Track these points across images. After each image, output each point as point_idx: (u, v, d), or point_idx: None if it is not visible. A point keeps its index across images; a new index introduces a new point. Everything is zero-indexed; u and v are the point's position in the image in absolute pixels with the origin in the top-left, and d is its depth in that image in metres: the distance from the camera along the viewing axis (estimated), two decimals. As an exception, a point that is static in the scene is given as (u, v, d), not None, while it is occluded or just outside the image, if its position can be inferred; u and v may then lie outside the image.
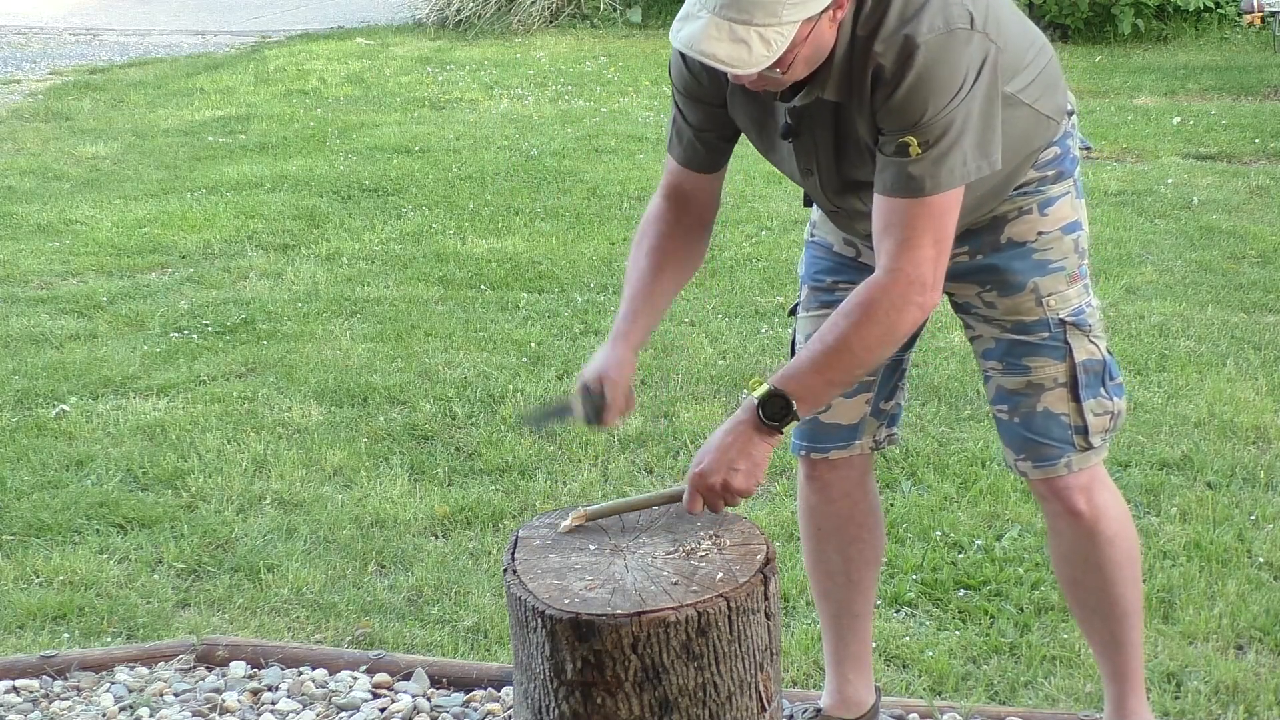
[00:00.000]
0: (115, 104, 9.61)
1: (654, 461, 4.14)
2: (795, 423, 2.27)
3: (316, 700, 2.98)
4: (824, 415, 2.60)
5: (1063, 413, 2.47)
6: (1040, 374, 2.47)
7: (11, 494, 3.99)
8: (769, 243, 6.18)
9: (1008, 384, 2.50)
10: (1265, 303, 5.38)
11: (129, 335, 5.23)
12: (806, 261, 2.66)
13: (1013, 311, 2.47)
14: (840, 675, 2.79)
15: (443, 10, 12.18)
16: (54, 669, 3.09)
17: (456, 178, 7.42)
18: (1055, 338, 2.46)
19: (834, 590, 2.74)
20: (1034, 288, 2.45)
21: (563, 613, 2.03)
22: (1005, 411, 2.52)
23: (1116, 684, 2.66)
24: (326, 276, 5.88)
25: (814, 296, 2.62)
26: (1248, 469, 4.01)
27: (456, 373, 4.82)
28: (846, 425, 2.63)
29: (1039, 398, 2.48)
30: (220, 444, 4.28)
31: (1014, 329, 2.47)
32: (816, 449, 2.65)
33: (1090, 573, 2.55)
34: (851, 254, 2.57)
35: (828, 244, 2.61)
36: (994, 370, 2.52)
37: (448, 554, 3.66)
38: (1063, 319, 2.46)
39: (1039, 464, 2.50)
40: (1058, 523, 2.55)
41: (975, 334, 2.55)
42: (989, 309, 2.49)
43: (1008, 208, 2.45)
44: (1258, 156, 7.66)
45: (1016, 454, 2.52)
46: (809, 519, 2.73)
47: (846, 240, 2.57)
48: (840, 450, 2.65)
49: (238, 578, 3.56)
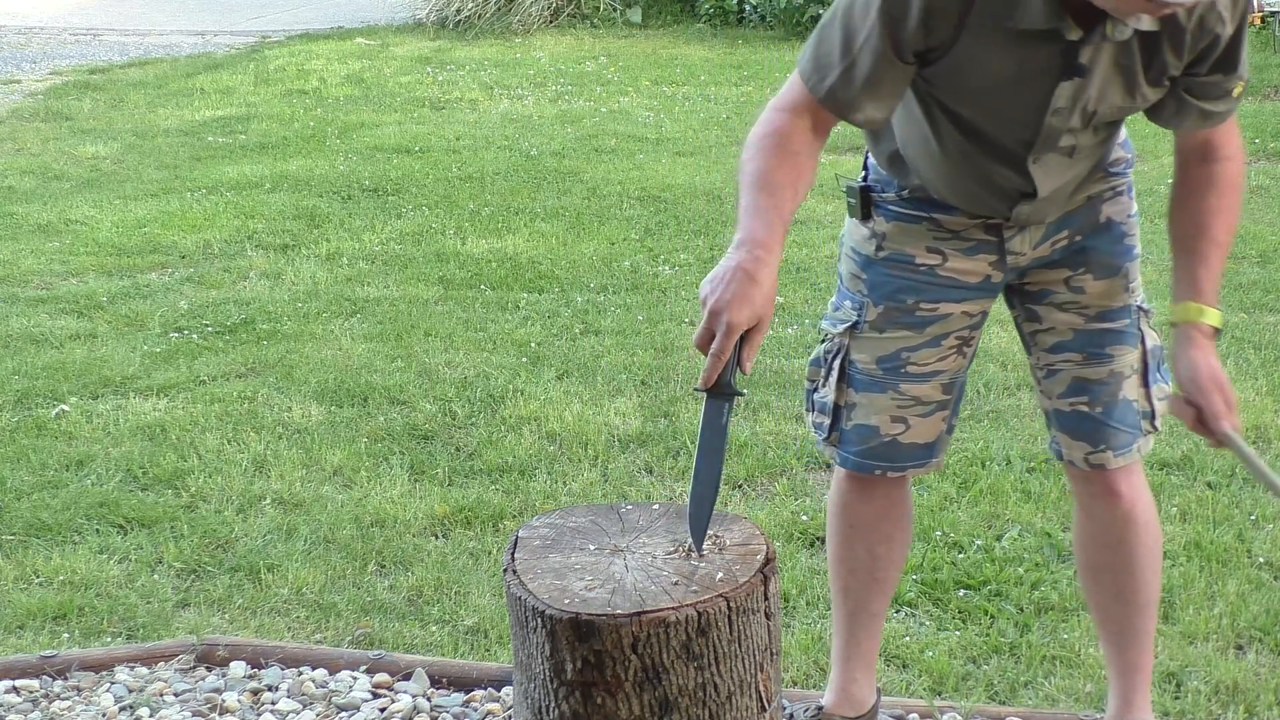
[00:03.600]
0: (115, 104, 9.61)
1: (654, 461, 4.14)
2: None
3: (316, 700, 2.98)
4: (903, 436, 2.56)
5: (1135, 399, 2.48)
6: (1121, 362, 2.47)
7: (11, 494, 3.99)
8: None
9: (1089, 374, 2.47)
10: (1265, 303, 5.38)
11: (129, 335, 5.23)
12: (876, 281, 2.51)
13: (1103, 296, 2.46)
14: (847, 673, 2.77)
15: (443, 10, 12.18)
16: (54, 669, 3.09)
17: (456, 178, 7.42)
18: (1133, 325, 2.48)
19: (856, 588, 2.72)
20: (1125, 273, 2.47)
21: (563, 613, 2.03)
22: (1085, 404, 2.48)
23: (1126, 678, 2.64)
24: (326, 276, 5.88)
25: (891, 318, 2.51)
26: (1248, 469, 4.01)
27: (456, 373, 4.82)
28: (923, 444, 2.58)
29: (1120, 385, 2.47)
30: (220, 444, 4.28)
31: (1098, 316, 2.47)
32: (894, 468, 2.60)
33: (1119, 556, 2.55)
34: (935, 262, 2.48)
35: (905, 257, 2.49)
36: (1069, 362, 2.49)
37: (448, 554, 3.66)
38: (1139, 305, 2.49)
39: (1119, 452, 2.49)
40: (1094, 504, 2.54)
41: (1044, 327, 2.51)
42: (1075, 294, 2.47)
43: (1102, 187, 2.46)
44: (1258, 156, 7.67)
45: (1094, 445, 2.49)
46: (842, 515, 2.69)
47: (930, 248, 2.48)
48: (917, 469, 2.61)
49: (238, 578, 3.56)
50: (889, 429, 2.56)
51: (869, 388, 2.55)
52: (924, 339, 2.51)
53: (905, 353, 2.52)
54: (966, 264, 2.48)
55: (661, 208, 6.79)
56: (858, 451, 2.58)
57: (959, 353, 2.55)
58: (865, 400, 2.56)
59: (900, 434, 2.56)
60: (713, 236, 6.32)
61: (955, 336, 2.53)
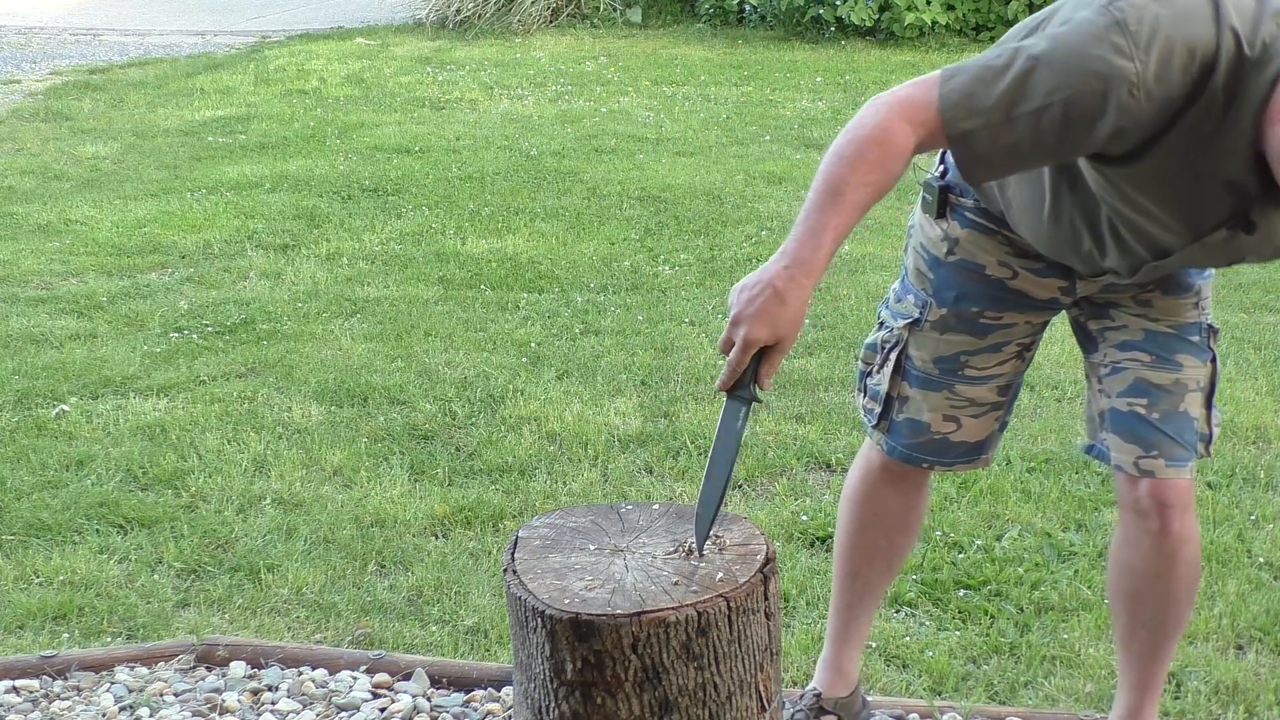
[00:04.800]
0: (115, 104, 9.60)
1: (654, 461, 4.14)
2: None
3: (316, 700, 2.98)
4: (954, 434, 2.55)
5: (1196, 417, 2.41)
6: (1188, 374, 2.40)
7: (11, 494, 3.99)
8: (769, 243, 6.17)
9: (1154, 378, 2.40)
10: (1265, 303, 5.38)
11: (129, 335, 5.23)
12: (943, 282, 2.48)
13: (1170, 312, 2.41)
14: (845, 652, 2.79)
15: (443, 10, 12.17)
16: (54, 669, 3.09)
17: (456, 178, 7.42)
18: (1204, 342, 2.43)
19: (869, 573, 2.72)
20: (1198, 290, 2.42)
21: (563, 613, 2.03)
22: (1144, 406, 2.39)
23: (1138, 692, 2.61)
24: (326, 276, 5.88)
25: (953, 322, 2.48)
26: (1248, 469, 4.01)
27: (456, 373, 4.82)
28: (974, 442, 2.58)
29: (1184, 397, 2.40)
30: (220, 444, 4.28)
31: (1168, 325, 2.42)
32: (942, 464, 2.59)
33: (1157, 589, 2.47)
34: (1005, 276, 2.45)
35: (976, 266, 2.46)
36: (1136, 361, 2.41)
37: (448, 554, 3.66)
38: (1209, 325, 2.44)
39: (1172, 462, 2.38)
40: (1141, 536, 2.42)
41: (1115, 325, 2.44)
42: (1141, 308, 2.43)
43: None
44: (1258, 156, 7.66)
45: (1146, 450, 2.38)
46: (868, 503, 2.67)
47: (1002, 262, 2.43)
48: (966, 465, 2.60)
49: (238, 578, 3.56)
50: (940, 427, 2.55)
51: (924, 385, 2.53)
52: (985, 344, 2.50)
53: (964, 356, 2.51)
54: (1035, 284, 2.45)
55: (661, 208, 6.79)
56: (907, 444, 2.58)
57: (1019, 358, 2.54)
58: (919, 396, 2.54)
59: (951, 432, 2.55)
60: (713, 236, 6.32)
61: (1016, 344, 2.52)
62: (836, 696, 2.79)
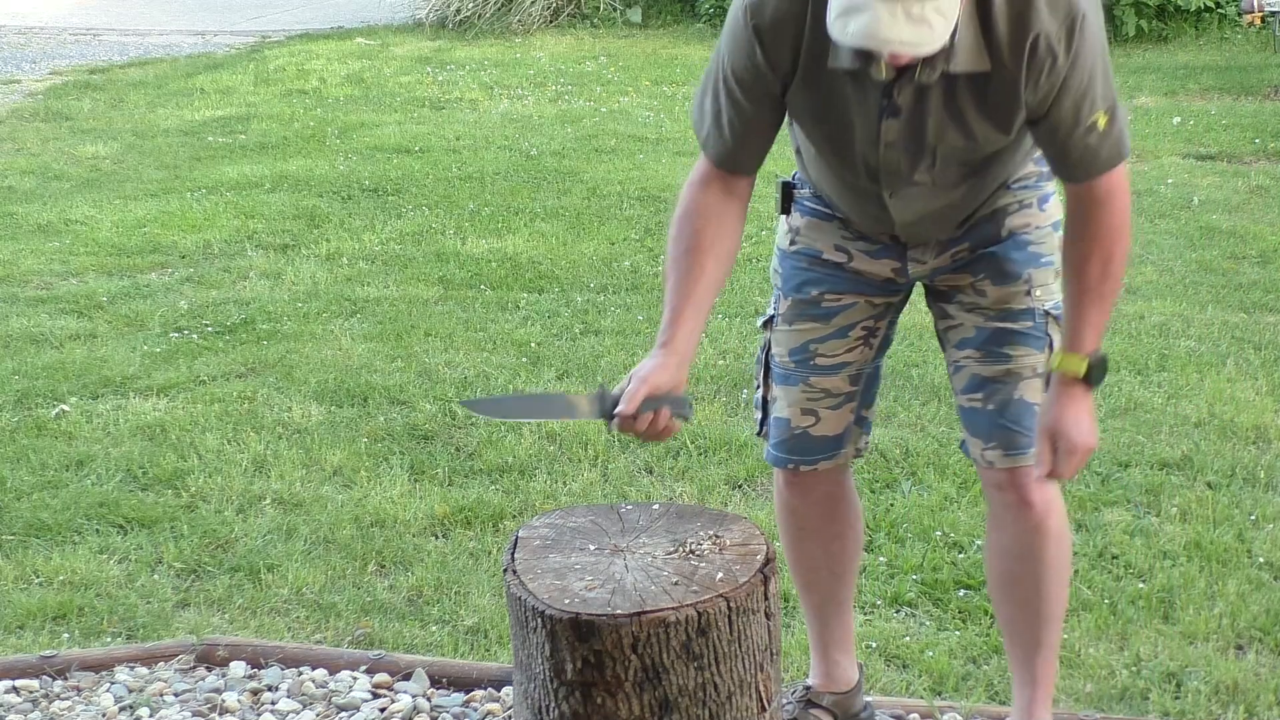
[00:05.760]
0: (115, 104, 9.61)
1: (654, 462, 4.14)
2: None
3: (316, 700, 2.98)
4: (814, 429, 2.62)
5: (1036, 403, 2.48)
6: (1020, 363, 2.50)
7: (11, 494, 3.99)
8: (769, 243, 6.13)
9: (985, 372, 2.51)
10: (1265, 303, 5.38)
11: (129, 335, 5.23)
12: (787, 273, 2.63)
13: (1002, 301, 2.50)
14: (828, 659, 2.82)
15: (443, 10, 12.17)
16: (54, 669, 3.09)
17: (456, 178, 7.42)
18: (1039, 328, 2.49)
19: (818, 582, 2.77)
20: (1028, 279, 2.49)
21: (563, 613, 2.03)
22: (979, 399, 2.52)
23: (1029, 689, 2.67)
24: (326, 276, 5.88)
25: (798, 310, 2.61)
26: (1248, 469, 4.01)
27: (456, 373, 4.82)
28: (833, 436, 2.65)
29: (1016, 386, 2.50)
30: (220, 444, 4.28)
31: (999, 317, 2.50)
32: (805, 462, 2.66)
33: (1030, 566, 2.56)
34: (841, 259, 2.57)
35: (814, 252, 2.59)
36: (969, 359, 2.53)
37: (448, 554, 3.66)
38: (1047, 310, 2.50)
39: (1010, 452, 2.51)
40: (1006, 514, 2.56)
41: (953, 323, 2.56)
42: (978, 297, 2.51)
43: (1008, 200, 2.48)
44: (1258, 156, 7.66)
45: (986, 442, 2.53)
46: (790, 519, 2.75)
47: (838, 246, 2.56)
48: (827, 461, 2.66)
49: (238, 578, 3.56)
50: (799, 421, 2.63)
51: (784, 380, 2.63)
52: (830, 330, 2.58)
53: (813, 344, 2.59)
54: (871, 265, 2.55)
55: (661, 208, 6.78)
56: (776, 446, 2.67)
57: (865, 344, 2.61)
58: (781, 393, 2.64)
59: (810, 426, 2.62)
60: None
61: (861, 327, 2.59)
62: (832, 693, 2.80)
